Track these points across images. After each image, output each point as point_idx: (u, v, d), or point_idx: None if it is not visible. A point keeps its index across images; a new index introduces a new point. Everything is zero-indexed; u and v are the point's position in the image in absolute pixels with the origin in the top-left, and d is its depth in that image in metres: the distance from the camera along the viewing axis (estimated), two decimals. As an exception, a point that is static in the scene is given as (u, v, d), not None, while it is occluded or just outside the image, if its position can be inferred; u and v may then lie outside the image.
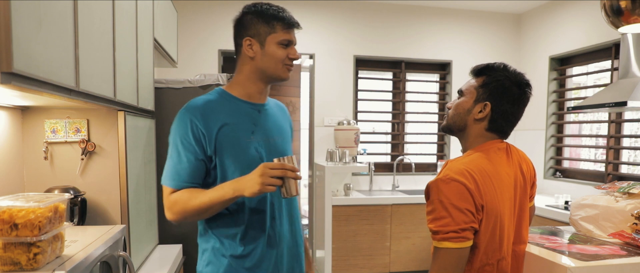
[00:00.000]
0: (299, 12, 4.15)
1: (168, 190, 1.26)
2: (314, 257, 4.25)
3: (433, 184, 1.23)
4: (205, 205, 1.22)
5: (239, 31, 1.31)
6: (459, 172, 1.21)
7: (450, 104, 1.39)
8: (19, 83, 0.86)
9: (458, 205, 1.18)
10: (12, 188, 1.48)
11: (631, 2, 2.03)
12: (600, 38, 3.60)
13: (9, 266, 1.00)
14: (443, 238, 1.18)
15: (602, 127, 3.93)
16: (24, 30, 0.86)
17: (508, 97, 1.30)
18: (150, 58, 2.02)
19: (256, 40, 1.28)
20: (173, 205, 1.24)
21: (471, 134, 1.34)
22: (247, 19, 1.29)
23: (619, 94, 2.71)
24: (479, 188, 1.21)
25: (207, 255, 1.32)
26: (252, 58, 1.29)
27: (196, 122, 1.24)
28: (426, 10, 4.43)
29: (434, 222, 1.20)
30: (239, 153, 1.27)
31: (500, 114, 1.31)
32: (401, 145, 4.56)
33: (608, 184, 1.92)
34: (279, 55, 1.29)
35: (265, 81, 1.34)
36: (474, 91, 1.32)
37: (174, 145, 1.26)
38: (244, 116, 1.31)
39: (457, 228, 1.17)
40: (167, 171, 1.27)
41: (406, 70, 4.51)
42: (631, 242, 1.60)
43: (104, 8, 1.35)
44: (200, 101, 1.29)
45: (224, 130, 1.26)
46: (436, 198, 1.20)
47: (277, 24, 1.28)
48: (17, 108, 1.53)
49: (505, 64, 1.34)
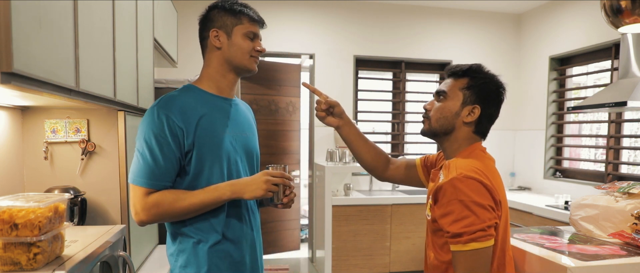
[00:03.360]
0: (299, 12, 4.16)
1: (143, 190, 1.19)
2: (314, 257, 4.25)
3: (448, 185, 1.16)
4: (195, 207, 1.20)
5: (205, 25, 1.32)
6: (471, 170, 1.17)
7: (429, 106, 1.35)
8: (19, 83, 0.86)
9: (481, 202, 1.13)
10: (12, 188, 1.48)
11: (631, 2, 2.03)
12: (600, 38, 3.60)
13: (9, 266, 1.00)
14: (470, 239, 1.11)
15: (602, 127, 3.93)
16: (24, 30, 0.86)
17: (494, 100, 1.30)
18: (150, 58, 2.02)
19: (223, 31, 1.29)
20: (152, 207, 1.19)
21: (459, 137, 1.31)
22: (213, 13, 1.31)
23: (619, 94, 2.71)
24: (493, 184, 1.18)
25: (185, 256, 1.28)
26: (219, 48, 1.30)
27: (173, 117, 1.20)
28: (426, 10, 4.43)
29: (455, 224, 1.13)
30: (217, 146, 1.26)
31: (486, 117, 1.30)
32: (401, 145, 4.56)
33: (608, 184, 1.92)
34: (246, 46, 1.30)
35: (234, 73, 1.34)
36: (459, 93, 1.29)
37: (146, 143, 1.20)
38: (219, 110, 1.31)
39: (484, 225, 1.12)
40: (140, 171, 1.20)
41: (406, 70, 4.51)
42: (631, 242, 1.60)
43: (104, 8, 1.35)
44: (173, 97, 1.26)
45: (202, 122, 1.24)
46: (454, 198, 1.14)
47: (243, 17, 1.30)
48: (17, 108, 1.53)
49: (481, 65, 1.33)
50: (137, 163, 1.21)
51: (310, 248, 4.40)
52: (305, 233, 5.14)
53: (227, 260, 1.29)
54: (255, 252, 1.39)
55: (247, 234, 1.35)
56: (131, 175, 1.22)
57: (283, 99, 4.17)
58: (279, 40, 4.11)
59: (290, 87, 4.23)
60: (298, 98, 4.26)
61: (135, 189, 1.20)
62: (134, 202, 1.20)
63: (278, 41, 4.10)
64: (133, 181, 1.21)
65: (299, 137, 4.36)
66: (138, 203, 1.19)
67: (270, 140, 4.06)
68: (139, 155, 1.21)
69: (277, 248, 4.27)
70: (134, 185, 1.20)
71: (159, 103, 1.23)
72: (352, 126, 1.52)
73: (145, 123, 1.22)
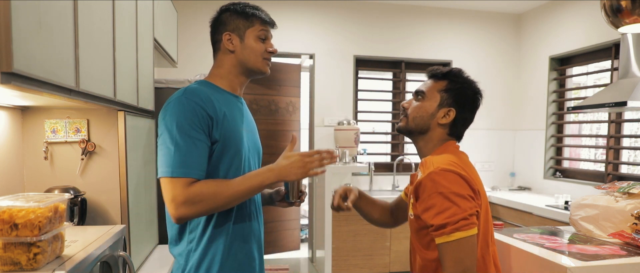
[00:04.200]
0: (299, 12, 4.16)
1: (184, 181, 1.12)
2: (314, 257, 4.25)
3: (427, 180, 1.20)
4: (239, 195, 1.17)
5: (217, 28, 1.33)
6: (447, 163, 1.22)
7: (407, 104, 1.38)
8: (19, 83, 0.86)
9: (460, 193, 1.17)
10: (12, 188, 1.48)
11: (631, 2, 2.03)
12: (600, 38, 3.60)
13: (9, 266, 1.00)
14: (454, 229, 1.15)
15: (602, 127, 3.93)
16: (24, 30, 0.86)
17: (469, 105, 1.34)
18: (150, 58, 2.02)
19: (236, 34, 1.30)
20: (196, 198, 1.12)
21: (433, 137, 1.35)
22: (225, 16, 1.32)
23: (619, 94, 2.71)
24: (469, 175, 1.22)
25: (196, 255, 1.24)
26: (233, 51, 1.31)
27: (204, 105, 1.18)
28: (426, 10, 4.43)
29: (438, 216, 1.16)
30: (238, 141, 1.27)
31: (461, 120, 1.34)
32: (401, 145, 4.56)
33: (608, 184, 1.92)
34: (258, 48, 1.31)
35: (247, 75, 1.35)
36: (437, 95, 1.33)
37: (180, 132, 1.14)
38: (234, 107, 1.32)
39: (466, 214, 1.15)
40: (176, 161, 1.13)
41: (406, 70, 4.51)
42: (631, 242, 1.60)
43: (104, 8, 1.35)
44: (199, 89, 1.24)
45: (226, 116, 1.25)
46: (434, 191, 1.18)
47: (255, 19, 1.32)
48: (17, 108, 1.53)
49: (461, 69, 1.37)
50: (171, 154, 1.14)
51: (310, 248, 4.40)
52: (305, 233, 5.14)
53: (238, 257, 1.29)
54: (261, 249, 1.41)
55: (255, 230, 1.36)
56: (166, 168, 1.14)
57: (283, 99, 4.16)
58: (279, 40, 4.09)
59: (290, 87, 4.23)
60: (298, 98, 4.26)
61: (174, 182, 1.12)
62: (174, 195, 1.12)
63: (278, 41, 4.06)
64: (170, 173, 1.13)
65: (299, 137, 4.36)
66: (180, 195, 1.11)
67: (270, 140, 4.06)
68: (172, 145, 1.14)
69: (277, 248, 4.27)
70: (172, 177, 1.12)
71: (185, 92, 1.20)
72: (362, 197, 1.57)
73: (176, 112, 1.17)
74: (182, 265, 1.26)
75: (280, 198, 1.46)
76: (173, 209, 1.13)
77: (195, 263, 1.24)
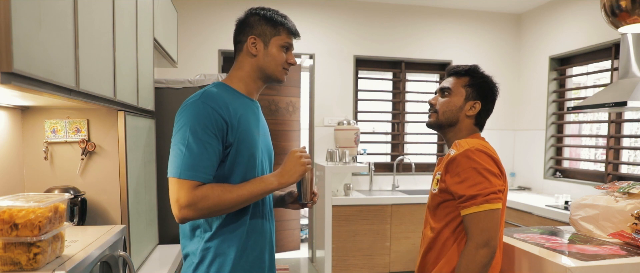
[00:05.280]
0: (299, 12, 4.16)
1: (190, 184, 1.14)
2: (314, 257, 4.25)
3: (461, 156, 1.35)
4: (243, 199, 1.19)
5: (242, 29, 1.33)
6: (479, 145, 1.38)
7: (434, 100, 1.53)
8: (19, 83, 0.86)
9: (491, 170, 1.34)
10: (12, 188, 1.48)
11: (631, 2, 2.03)
12: (600, 38, 3.60)
13: (9, 266, 1.00)
14: (484, 200, 1.30)
15: (602, 127, 3.93)
16: (24, 30, 0.86)
17: (491, 96, 1.51)
18: (150, 58, 2.02)
19: (261, 40, 1.31)
20: (201, 201, 1.14)
21: (462, 128, 1.50)
22: (254, 19, 1.32)
23: (619, 94, 2.71)
24: (497, 157, 1.39)
25: (210, 254, 1.25)
26: (255, 55, 1.32)
27: (219, 110, 1.20)
28: (426, 10, 4.43)
29: (471, 188, 1.32)
30: (253, 145, 1.28)
31: (485, 111, 1.51)
32: (401, 145, 4.56)
33: (608, 184, 1.92)
34: (280, 58, 1.33)
35: (264, 80, 1.37)
36: (462, 90, 1.49)
37: (193, 134, 1.16)
38: (250, 110, 1.33)
39: (495, 189, 1.32)
40: (186, 163, 1.15)
41: (406, 70, 4.52)
42: (631, 242, 1.60)
43: (104, 8, 1.35)
44: (215, 92, 1.25)
45: (242, 120, 1.26)
46: (469, 166, 1.33)
47: (282, 28, 1.33)
48: (17, 108, 1.53)
49: (478, 65, 1.53)
50: (182, 155, 1.16)
51: (310, 248, 4.40)
52: (305, 233, 5.14)
53: (250, 258, 1.29)
54: (273, 251, 1.41)
55: (266, 231, 1.36)
56: (175, 169, 1.16)
57: (283, 99, 4.16)
58: (279, 40, 4.10)
59: (290, 87, 4.23)
60: (298, 98, 4.26)
61: (181, 183, 1.14)
62: (180, 196, 1.14)
63: (278, 41, 4.09)
64: (178, 174, 1.15)
65: (299, 137, 4.36)
66: (184, 197, 1.13)
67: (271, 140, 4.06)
68: (184, 147, 1.16)
69: (277, 248, 4.27)
70: (180, 178, 1.14)
71: (202, 96, 1.22)
72: None
73: (191, 114, 1.19)
74: (194, 263, 1.26)
75: (292, 200, 1.47)
76: (176, 210, 1.16)
77: (208, 262, 1.25)
